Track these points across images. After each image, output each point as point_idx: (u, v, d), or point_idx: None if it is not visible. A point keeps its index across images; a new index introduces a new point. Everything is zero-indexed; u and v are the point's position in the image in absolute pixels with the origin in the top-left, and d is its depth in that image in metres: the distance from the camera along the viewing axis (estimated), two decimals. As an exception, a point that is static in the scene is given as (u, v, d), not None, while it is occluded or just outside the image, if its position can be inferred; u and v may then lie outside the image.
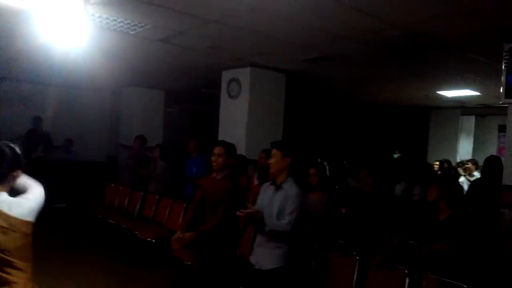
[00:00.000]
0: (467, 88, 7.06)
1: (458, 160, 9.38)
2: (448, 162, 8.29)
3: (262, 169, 4.76)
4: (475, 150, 10.66)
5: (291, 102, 6.89)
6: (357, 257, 3.47)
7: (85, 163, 8.90)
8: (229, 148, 3.85)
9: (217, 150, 3.76)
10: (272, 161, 3.14)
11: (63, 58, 5.70)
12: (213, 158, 3.78)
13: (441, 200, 3.30)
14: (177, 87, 8.82)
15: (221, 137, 6.33)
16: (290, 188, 3.08)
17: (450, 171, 7.44)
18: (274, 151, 3.15)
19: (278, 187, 3.13)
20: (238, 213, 2.90)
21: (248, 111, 6.05)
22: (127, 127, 9.11)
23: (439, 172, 7.31)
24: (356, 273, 3.42)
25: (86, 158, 9.12)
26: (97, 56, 5.53)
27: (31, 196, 1.95)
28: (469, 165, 8.13)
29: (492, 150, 10.89)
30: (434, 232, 3.29)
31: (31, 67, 7.14)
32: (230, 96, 6.31)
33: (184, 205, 5.56)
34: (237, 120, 6.18)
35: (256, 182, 4.83)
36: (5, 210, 1.82)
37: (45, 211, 2.04)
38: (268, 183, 3.28)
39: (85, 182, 8.09)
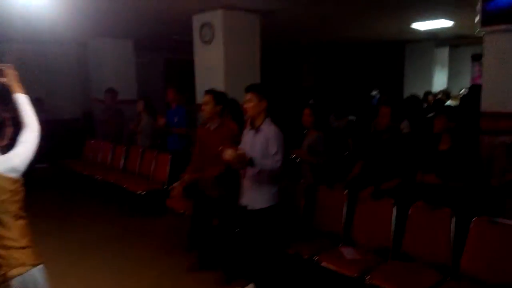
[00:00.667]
0: (442, 18, 7.02)
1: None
2: (431, 93, 8.51)
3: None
4: (449, 80, 10.85)
5: (266, 46, 6.72)
6: (346, 191, 3.60)
7: (60, 121, 8.63)
8: (218, 96, 3.81)
9: (205, 98, 3.75)
10: (249, 105, 3.16)
11: (22, 11, 5.36)
12: (202, 106, 3.78)
13: (445, 133, 3.36)
14: (147, 35, 8.42)
15: (198, 85, 6.21)
16: (268, 129, 3.14)
17: (442, 102, 7.64)
18: (250, 95, 3.16)
19: (257, 130, 3.18)
20: (226, 156, 2.92)
21: (223, 57, 5.88)
22: (99, 80, 8.78)
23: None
24: (345, 207, 3.56)
25: (60, 116, 8.85)
26: (57, 4, 5.19)
27: (21, 150, 1.97)
28: (440, 95, 8.39)
29: (466, 80, 11.13)
30: (432, 162, 3.37)
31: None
32: (204, 42, 6.10)
33: (170, 156, 5.56)
34: (213, 66, 6.03)
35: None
36: None
37: (29, 172, 2.03)
38: (247, 128, 3.31)
39: (62, 140, 7.92)
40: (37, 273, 2.01)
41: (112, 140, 6.83)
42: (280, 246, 3.37)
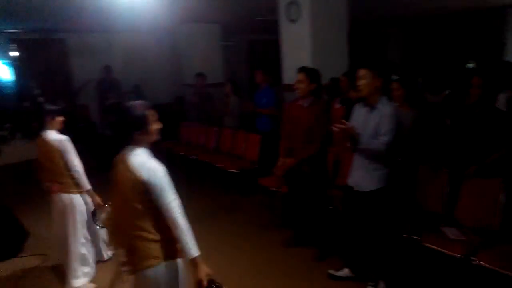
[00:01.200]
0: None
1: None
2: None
3: (344, 93, 4.72)
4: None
5: (355, 22, 6.52)
6: (447, 171, 3.44)
7: (155, 106, 9.25)
8: (311, 73, 3.81)
9: (299, 76, 3.77)
10: (363, 82, 3.04)
11: (124, 3, 5.81)
12: (295, 85, 3.81)
13: None
14: (233, 18, 8.64)
15: (285, 65, 6.25)
16: (384, 108, 3.01)
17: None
18: (364, 72, 3.03)
19: (372, 108, 3.07)
20: (333, 128, 2.91)
21: (311, 35, 5.84)
22: (189, 65, 9.23)
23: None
24: (447, 187, 3.41)
25: (156, 101, 9.50)
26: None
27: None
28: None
29: None
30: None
31: (96, 17, 7.32)
32: (290, 20, 6.09)
33: (260, 136, 5.73)
34: (300, 45, 6.01)
35: (337, 105, 4.81)
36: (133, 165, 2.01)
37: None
38: (360, 104, 3.21)
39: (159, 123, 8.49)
40: (171, 266, 2.07)
41: (203, 122, 7.19)
42: (387, 229, 3.23)
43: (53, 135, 3.38)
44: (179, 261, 2.12)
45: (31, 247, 4.18)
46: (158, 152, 2.17)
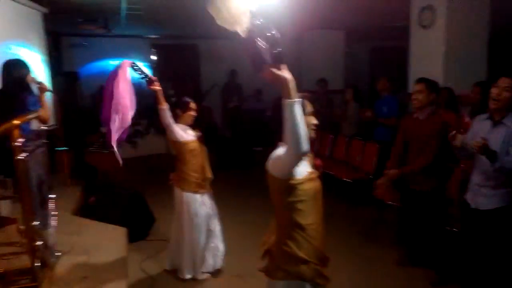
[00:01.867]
0: None
1: None
2: None
3: (475, 105, 4.32)
4: None
5: (496, 25, 5.86)
6: None
7: (274, 109, 9.54)
8: (431, 84, 3.59)
9: (417, 86, 3.58)
10: (506, 94, 2.72)
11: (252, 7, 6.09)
12: (413, 95, 3.61)
13: None
14: (360, 24, 8.46)
15: (413, 73, 5.89)
16: None
17: None
18: (509, 82, 2.73)
19: (497, 123, 2.80)
20: (474, 143, 2.67)
21: (444, 42, 5.42)
22: (309, 72, 9.29)
23: None
24: None
25: (275, 105, 9.79)
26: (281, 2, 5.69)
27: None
28: None
29: None
30: None
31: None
32: (422, 26, 5.73)
33: (377, 146, 5.49)
34: (431, 52, 5.62)
35: (467, 119, 4.40)
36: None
37: (247, 153, 2.20)
38: (482, 117, 2.95)
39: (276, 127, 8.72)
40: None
41: (321, 128, 7.15)
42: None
43: (179, 130, 3.52)
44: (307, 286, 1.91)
45: (156, 232, 4.62)
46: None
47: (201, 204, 3.62)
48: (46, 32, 5.86)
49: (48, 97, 5.32)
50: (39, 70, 5.49)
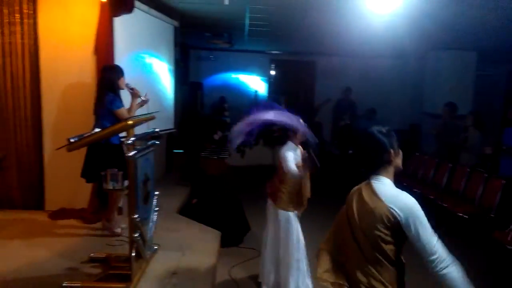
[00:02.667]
0: None
1: None
2: None
3: None
4: None
5: None
6: None
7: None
8: None
9: None
10: None
11: (368, 28, 5.93)
12: None
13: None
14: (494, 45, 7.61)
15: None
16: None
17: None
18: None
19: None
20: None
21: None
22: (432, 94, 8.63)
23: None
24: None
25: (390, 126, 9.30)
26: (402, 20, 5.44)
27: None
28: None
29: None
30: None
31: (342, 41, 7.73)
32: None
33: (502, 181, 4.82)
34: None
35: None
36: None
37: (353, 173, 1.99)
38: None
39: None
40: None
41: (442, 156, 6.51)
42: None
43: (285, 146, 3.48)
44: None
45: (249, 240, 4.70)
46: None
47: (289, 222, 3.53)
48: (176, 44, 6.46)
49: (167, 102, 5.82)
50: (166, 79, 6.07)
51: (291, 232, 3.46)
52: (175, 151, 7.16)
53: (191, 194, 5.55)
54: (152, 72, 5.63)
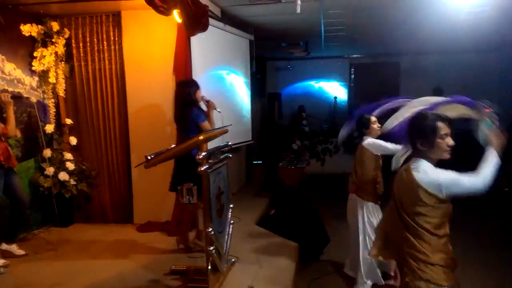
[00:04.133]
0: None
1: None
2: None
3: None
4: None
5: None
6: None
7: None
8: None
9: None
10: None
11: (456, 22, 5.45)
12: None
13: None
14: None
15: None
16: None
17: None
18: None
19: None
20: None
21: None
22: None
23: None
24: None
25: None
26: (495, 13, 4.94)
27: (455, 176, 1.87)
28: None
29: None
30: None
31: (429, 39, 7.24)
32: None
33: None
34: None
35: None
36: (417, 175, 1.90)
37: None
38: None
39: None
40: None
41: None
42: None
43: (366, 139, 3.47)
44: None
45: (329, 253, 4.53)
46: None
47: (378, 215, 3.49)
48: (252, 57, 6.56)
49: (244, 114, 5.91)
50: (242, 92, 6.18)
51: (365, 221, 3.52)
52: (254, 162, 7.24)
53: (270, 205, 5.55)
54: (229, 87, 5.77)
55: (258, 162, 7.35)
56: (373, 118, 3.52)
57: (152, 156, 2.85)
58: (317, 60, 10.11)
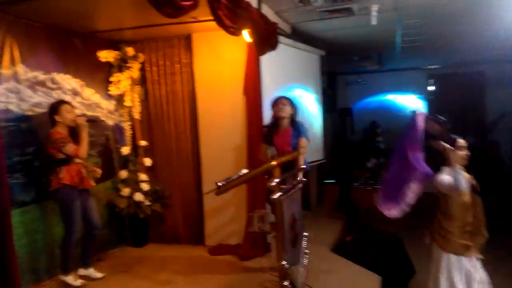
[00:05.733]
0: None
1: None
2: None
3: None
4: None
5: None
6: None
7: None
8: None
9: None
10: None
11: None
12: None
13: None
14: None
15: None
16: None
17: None
18: None
19: None
20: None
21: None
22: None
23: None
24: None
25: None
26: None
27: None
28: None
29: None
30: None
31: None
32: None
33: None
34: None
35: None
36: None
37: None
38: None
39: None
40: None
41: None
42: None
43: (444, 173, 3.01)
44: None
45: (415, 286, 4.11)
46: None
47: (461, 270, 2.95)
48: (322, 73, 6.34)
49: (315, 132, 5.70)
50: (313, 109, 5.96)
51: (457, 280, 2.94)
52: (326, 181, 6.93)
53: (345, 229, 5.21)
54: (300, 105, 5.57)
55: (331, 181, 7.03)
56: (461, 143, 3.03)
57: (223, 183, 2.73)
58: (390, 72, 9.61)
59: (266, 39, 4.19)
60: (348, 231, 5.04)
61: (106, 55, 4.62)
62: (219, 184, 2.71)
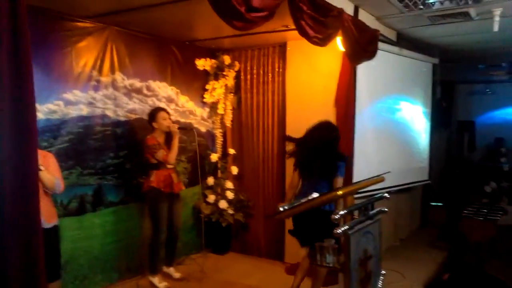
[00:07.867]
0: None
1: None
2: None
3: None
4: None
5: None
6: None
7: None
8: None
9: None
10: None
11: None
12: None
13: None
14: None
15: None
16: None
17: None
18: None
19: None
20: None
21: None
22: None
23: None
24: None
25: None
26: None
27: None
28: None
29: None
30: None
31: None
32: None
33: None
34: None
35: None
36: None
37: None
38: None
39: None
40: None
41: None
42: None
43: None
44: None
45: None
46: None
47: None
48: (435, 82, 5.67)
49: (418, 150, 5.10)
50: (419, 123, 5.36)
51: None
52: (432, 203, 6.20)
53: (445, 264, 4.55)
54: (401, 119, 5.05)
55: (438, 204, 6.27)
56: None
57: (286, 208, 2.53)
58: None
59: (362, 48, 3.84)
60: (448, 266, 4.39)
61: (203, 63, 4.75)
62: (281, 208, 2.52)
